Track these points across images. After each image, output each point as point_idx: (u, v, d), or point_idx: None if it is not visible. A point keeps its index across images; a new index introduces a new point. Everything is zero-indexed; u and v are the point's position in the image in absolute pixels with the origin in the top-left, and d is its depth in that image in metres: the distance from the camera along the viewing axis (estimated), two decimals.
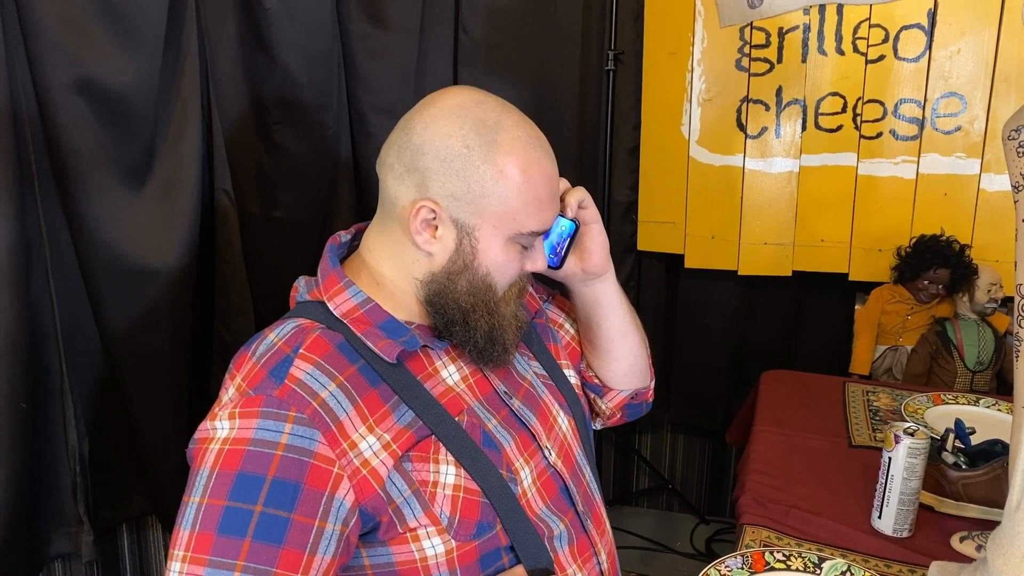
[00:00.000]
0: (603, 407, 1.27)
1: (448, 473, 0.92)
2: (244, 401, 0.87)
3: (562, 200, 1.06)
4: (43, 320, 1.52)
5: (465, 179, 0.92)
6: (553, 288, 1.29)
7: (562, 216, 1.08)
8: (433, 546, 0.91)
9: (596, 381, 1.24)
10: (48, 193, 1.50)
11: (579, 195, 1.08)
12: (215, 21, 1.72)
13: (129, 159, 1.57)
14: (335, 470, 0.85)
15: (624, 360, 1.22)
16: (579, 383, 1.22)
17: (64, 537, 1.61)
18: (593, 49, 2.35)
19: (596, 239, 1.11)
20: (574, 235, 1.10)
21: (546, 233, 1.03)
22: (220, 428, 0.86)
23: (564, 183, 1.08)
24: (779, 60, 2.20)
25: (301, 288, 1.02)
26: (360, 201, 2.08)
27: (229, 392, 0.90)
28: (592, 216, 1.10)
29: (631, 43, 2.33)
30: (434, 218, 0.94)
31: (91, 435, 1.62)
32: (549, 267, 1.11)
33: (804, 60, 2.18)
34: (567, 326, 1.25)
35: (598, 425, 1.31)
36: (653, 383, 1.32)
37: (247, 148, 1.85)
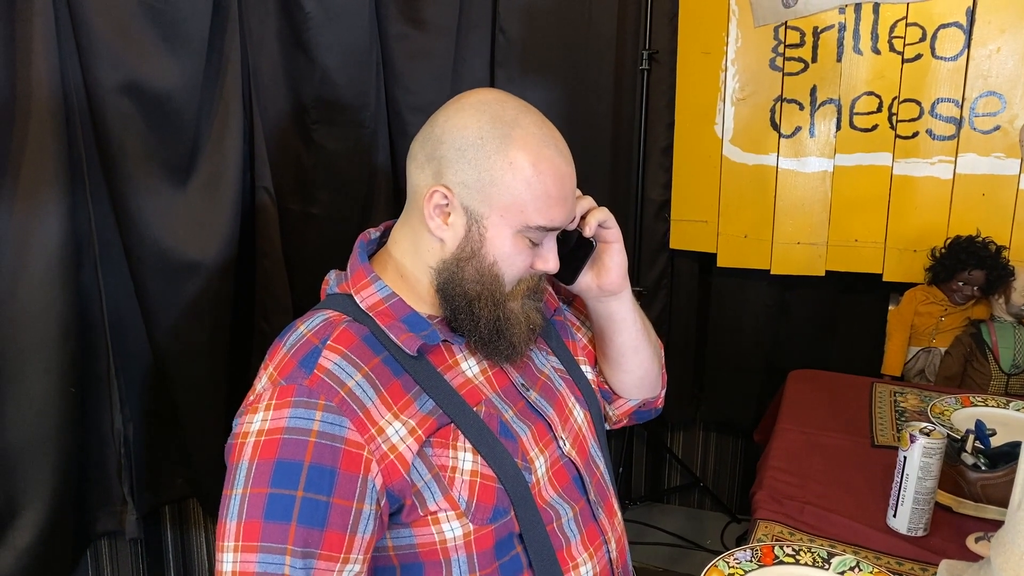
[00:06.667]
0: (610, 413, 1.29)
1: (466, 460, 0.97)
2: (278, 392, 0.91)
3: (583, 219, 1.09)
4: (92, 310, 1.59)
5: (477, 167, 0.97)
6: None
7: (581, 235, 1.10)
8: (452, 529, 0.95)
9: (606, 387, 1.27)
10: (97, 190, 1.56)
11: (600, 216, 1.09)
12: (257, 24, 1.78)
13: (174, 157, 1.63)
14: (364, 454, 0.90)
15: (634, 373, 1.25)
16: (596, 379, 1.25)
17: (110, 516, 1.68)
18: (628, 49, 2.38)
19: (615, 258, 1.13)
20: (591, 254, 1.12)
21: (562, 235, 1.06)
22: (255, 420, 0.91)
23: (589, 201, 1.10)
24: (814, 59, 2.20)
25: (331, 281, 1.08)
26: (397, 199, 2.13)
27: (262, 381, 0.96)
28: (613, 236, 1.12)
29: (666, 43, 2.35)
30: (447, 204, 0.98)
31: (135, 420, 1.69)
32: (563, 283, 1.15)
33: (839, 59, 2.17)
34: (584, 330, 1.28)
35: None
36: (664, 391, 1.33)
37: (287, 147, 1.91)
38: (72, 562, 1.64)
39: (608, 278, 1.13)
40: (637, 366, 1.23)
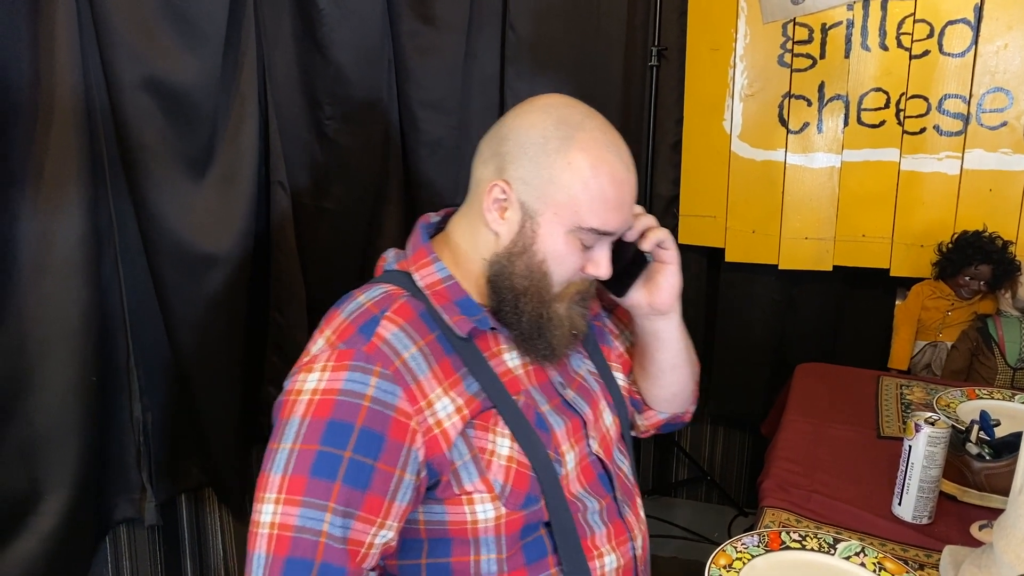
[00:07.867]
0: (639, 422, 1.31)
1: (503, 445, 0.99)
2: (337, 354, 0.94)
3: (643, 235, 1.11)
4: (112, 302, 1.63)
5: (537, 165, 0.99)
6: None
7: (639, 249, 1.11)
8: (485, 511, 0.98)
9: (638, 398, 1.28)
10: (118, 184, 1.60)
11: (660, 235, 1.11)
12: (272, 22, 1.82)
13: (191, 152, 1.66)
14: (412, 424, 0.93)
15: (669, 389, 1.26)
16: (627, 386, 1.26)
17: (128, 503, 1.72)
18: (637, 45, 2.39)
19: (669, 279, 1.14)
20: (644, 269, 1.13)
21: (619, 248, 1.08)
22: (310, 379, 0.94)
23: (651, 219, 1.12)
24: (822, 56, 2.21)
25: (390, 258, 1.10)
26: (408, 193, 2.16)
27: (318, 344, 0.98)
28: (671, 257, 1.13)
29: (675, 39, 2.37)
30: (505, 199, 1.01)
31: (153, 409, 1.73)
32: (615, 295, 1.16)
33: (847, 56, 2.19)
34: (622, 338, 1.29)
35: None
36: (694, 408, 1.34)
37: (301, 142, 1.94)
38: (92, 547, 1.68)
39: (660, 297, 1.14)
40: (674, 383, 1.25)
